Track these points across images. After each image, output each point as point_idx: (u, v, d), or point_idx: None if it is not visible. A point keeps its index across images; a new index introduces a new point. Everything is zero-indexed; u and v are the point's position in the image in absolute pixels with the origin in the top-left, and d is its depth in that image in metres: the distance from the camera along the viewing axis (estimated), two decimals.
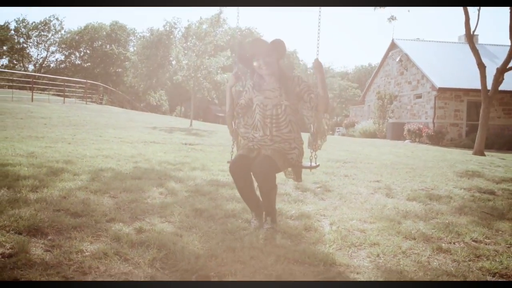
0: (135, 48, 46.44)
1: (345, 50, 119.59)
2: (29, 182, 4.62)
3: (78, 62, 54.51)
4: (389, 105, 26.84)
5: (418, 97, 25.11)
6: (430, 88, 23.62)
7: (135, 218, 3.76)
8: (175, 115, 48.17)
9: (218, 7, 21.27)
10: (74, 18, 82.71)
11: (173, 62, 21.45)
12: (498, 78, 15.17)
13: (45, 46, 54.00)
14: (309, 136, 3.79)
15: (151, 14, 79.21)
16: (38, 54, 59.04)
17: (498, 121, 22.86)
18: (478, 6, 15.58)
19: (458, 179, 7.30)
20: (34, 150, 7.41)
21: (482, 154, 14.53)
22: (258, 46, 3.68)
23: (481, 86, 15.39)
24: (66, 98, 26.28)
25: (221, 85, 21.68)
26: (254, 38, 3.93)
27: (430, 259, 3.17)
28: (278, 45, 3.67)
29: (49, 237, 3.08)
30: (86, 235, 3.14)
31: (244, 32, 51.58)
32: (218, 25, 21.93)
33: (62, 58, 54.56)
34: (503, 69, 15.06)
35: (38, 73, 46.20)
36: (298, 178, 3.90)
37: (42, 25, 52.80)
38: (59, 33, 53.92)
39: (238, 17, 4.38)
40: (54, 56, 56.21)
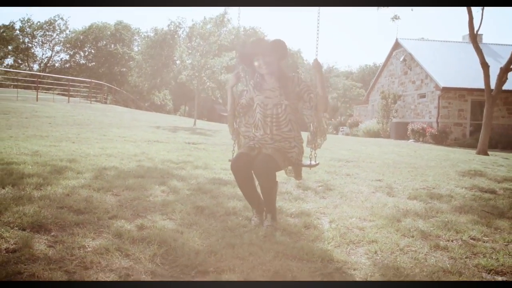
0: (140, 47, 46.59)
1: (349, 50, 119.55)
2: (33, 180, 4.68)
3: (83, 62, 54.69)
4: (393, 104, 26.81)
5: (422, 96, 25.08)
6: (434, 87, 23.59)
7: (137, 215, 3.81)
8: (180, 115, 48.24)
9: (223, 7, 21.37)
10: (78, 18, 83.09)
11: (177, 62, 21.50)
12: (502, 78, 15.15)
13: (50, 45, 54.25)
14: (308, 135, 3.85)
15: (156, 14, 79.45)
16: (43, 54, 59.29)
17: (502, 120, 22.81)
18: (481, 6, 15.56)
19: (460, 178, 7.31)
20: (39, 149, 7.48)
21: (486, 154, 14.53)
22: (258, 45, 3.74)
23: (484, 85, 15.39)
24: (70, 98, 26.41)
25: (225, 84, 21.76)
26: (255, 38, 4.01)
27: (427, 256, 3.21)
28: (278, 45, 3.73)
29: (52, 233, 3.15)
30: (88, 232, 3.21)
31: (248, 31, 51.64)
32: (222, 25, 21.99)
33: (67, 57, 54.77)
34: (507, 68, 15.04)
35: (43, 72, 46.43)
36: (298, 176, 3.97)
37: (47, 25, 53.01)
38: (64, 32, 54.14)
39: (239, 18, 4.49)
40: (59, 55, 56.31)
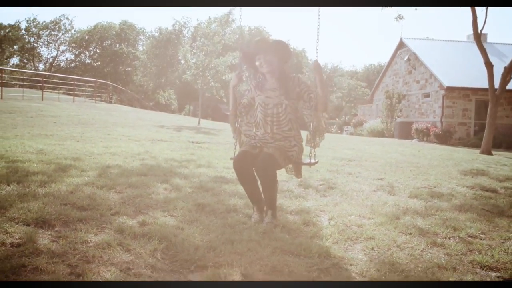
0: (145, 47, 46.70)
1: (354, 49, 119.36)
2: (38, 177, 4.76)
3: (88, 61, 54.93)
4: (397, 104, 26.79)
5: (426, 96, 25.06)
6: (438, 87, 23.56)
7: (139, 212, 3.89)
8: (184, 114, 48.37)
9: (228, 8, 21.45)
10: (84, 18, 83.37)
11: (182, 61, 21.56)
12: (506, 77, 15.13)
13: (55, 45, 54.54)
14: (307, 134, 3.92)
15: (161, 13, 79.61)
16: (49, 54, 59.65)
17: (507, 120, 22.74)
18: (484, 6, 15.55)
19: (461, 177, 7.33)
20: (44, 147, 7.56)
21: (490, 153, 14.52)
22: (260, 45, 3.84)
23: (488, 85, 15.38)
24: (75, 97, 26.53)
25: (228, 84, 21.74)
26: (258, 38, 4.09)
27: (423, 253, 3.26)
28: (279, 45, 3.84)
29: (55, 228, 3.23)
30: (91, 227, 3.28)
31: (253, 31, 51.68)
32: (227, 24, 22.06)
33: (72, 57, 55.05)
34: (511, 67, 15.02)
35: (48, 72, 46.70)
36: (298, 174, 4.06)
37: (53, 24, 53.29)
38: (69, 32, 54.43)
39: (240, 18, 4.59)
40: (64, 55, 56.64)
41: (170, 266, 2.74)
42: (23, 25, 53.34)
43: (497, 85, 15.29)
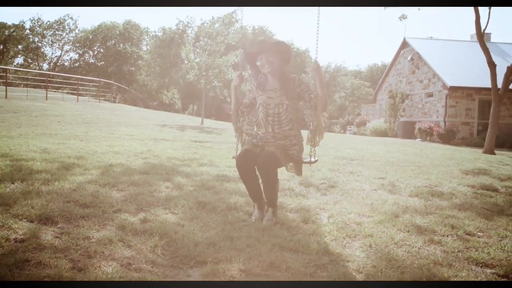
0: (148, 47, 46.82)
1: (358, 49, 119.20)
2: (41, 175, 4.83)
3: (92, 61, 55.13)
4: (400, 103, 26.79)
5: (430, 95, 25.04)
6: (441, 86, 23.55)
7: (140, 209, 3.94)
8: (188, 114, 48.46)
9: (232, 8, 21.47)
10: (88, 17, 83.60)
11: (185, 61, 21.60)
12: (509, 77, 15.13)
13: (59, 45, 54.80)
14: (308, 133, 3.99)
15: (164, 13, 79.68)
16: (53, 53, 60.09)
17: (510, 119, 22.71)
18: (486, 6, 15.55)
19: (463, 177, 7.34)
20: (47, 146, 7.62)
21: (492, 153, 14.52)
22: (262, 45, 3.92)
23: (491, 84, 15.37)
24: (79, 97, 26.67)
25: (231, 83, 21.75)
26: (261, 38, 4.18)
27: (420, 250, 3.30)
28: (281, 46, 3.92)
29: (58, 225, 3.29)
30: (93, 224, 3.35)
31: (256, 31, 51.71)
32: (230, 24, 22.09)
33: (76, 57, 55.33)
34: None
35: (52, 72, 46.90)
36: (298, 172, 4.13)
37: (57, 24, 53.52)
38: (73, 32, 54.66)
39: (241, 19, 4.65)
40: (68, 55, 57.07)
41: (170, 262, 2.80)
42: (28, 25, 53.69)
43: (500, 84, 15.29)
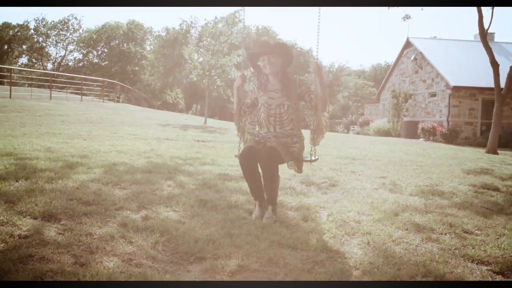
0: (152, 46, 46.93)
1: (361, 49, 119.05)
2: (45, 174, 4.89)
3: (96, 61, 55.28)
4: (403, 103, 26.78)
5: (433, 95, 25.02)
6: (444, 86, 23.53)
7: (142, 207, 4.00)
8: (192, 113, 48.53)
9: (235, 8, 21.54)
10: (92, 18, 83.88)
11: (188, 61, 21.65)
12: None
13: (63, 45, 54.98)
14: (310, 132, 4.12)
15: (168, 13, 79.85)
16: (57, 53, 60.17)
17: None
18: (488, 6, 15.54)
19: (464, 176, 7.34)
20: (51, 145, 7.69)
21: (495, 153, 14.51)
22: (264, 46, 4.09)
23: (494, 84, 15.36)
24: (83, 96, 26.77)
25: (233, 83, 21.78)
26: (263, 39, 4.31)
27: (418, 247, 3.34)
28: (283, 48, 4.07)
29: (62, 222, 3.36)
30: (95, 221, 3.41)
31: (260, 31, 51.75)
32: (234, 24, 22.14)
33: (80, 56, 55.47)
34: None
35: (56, 71, 47.11)
36: (299, 170, 4.22)
37: (61, 24, 53.73)
38: (77, 32, 54.84)
39: (243, 19, 4.76)
40: (72, 54, 57.03)
41: (171, 258, 2.85)
42: (32, 25, 53.89)
43: (503, 84, 15.27)
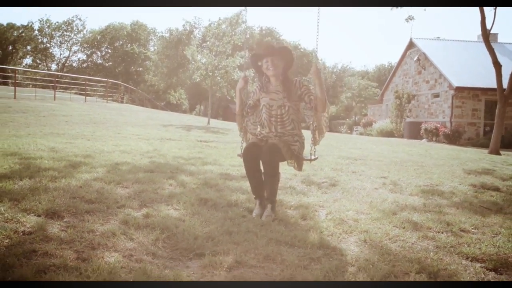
0: (156, 47, 47.10)
1: (365, 49, 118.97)
2: (49, 173, 4.97)
3: (100, 62, 55.58)
4: (407, 104, 26.80)
5: (436, 96, 25.03)
6: (447, 87, 23.54)
7: (144, 205, 4.08)
8: (195, 114, 48.66)
9: (239, 8, 21.61)
10: (96, 18, 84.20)
11: (192, 62, 21.72)
12: None
13: (67, 46, 55.32)
14: (310, 132, 4.25)
15: (172, 13, 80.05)
16: (61, 54, 60.47)
17: None
18: (491, 6, 15.56)
19: (465, 176, 7.36)
20: (55, 145, 7.78)
21: (498, 153, 14.53)
22: (268, 48, 4.19)
23: (496, 85, 15.38)
24: (87, 97, 26.88)
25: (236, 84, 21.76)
26: (266, 41, 4.42)
27: (414, 245, 3.40)
28: (286, 51, 4.22)
29: (64, 219, 3.43)
30: (97, 218, 3.49)
31: (263, 32, 51.82)
32: (237, 25, 22.22)
33: (84, 57, 55.81)
34: None
35: (60, 72, 47.32)
36: (299, 168, 4.31)
37: (65, 25, 54.04)
38: (81, 33, 55.15)
39: (246, 20, 4.86)
40: (76, 55, 57.44)
41: (170, 254, 2.92)
42: (36, 25, 54.25)
43: (505, 85, 15.28)
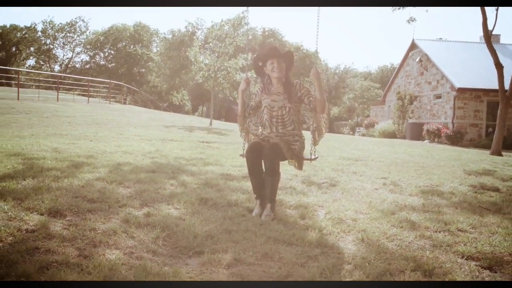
0: (159, 48, 47.18)
1: (368, 50, 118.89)
2: (51, 173, 5.03)
3: (103, 63, 55.70)
4: (409, 105, 26.81)
5: (438, 97, 25.03)
6: (449, 88, 23.54)
7: (145, 204, 4.14)
8: (198, 115, 48.73)
9: (241, 9, 21.67)
10: (99, 20, 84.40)
11: (194, 63, 21.76)
12: None
13: (70, 47, 55.46)
14: (310, 133, 4.37)
15: (174, 13, 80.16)
16: (64, 55, 60.66)
17: None
18: (493, 6, 15.59)
19: (465, 177, 7.38)
20: (58, 146, 7.84)
21: (500, 154, 14.53)
22: (274, 50, 4.32)
23: (498, 86, 15.39)
24: (90, 98, 27.00)
25: (239, 85, 21.77)
26: (271, 44, 4.51)
27: (411, 244, 3.44)
28: (291, 55, 4.40)
29: (67, 218, 3.50)
30: (99, 217, 3.56)
31: (266, 33, 51.88)
32: (240, 26, 22.26)
33: (87, 58, 55.91)
34: None
35: (63, 73, 47.45)
36: (299, 167, 4.42)
37: (69, 26, 54.20)
38: (84, 34, 55.29)
39: (248, 22, 4.91)
40: (79, 56, 57.67)
41: (170, 252, 2.98)
42: (40, 27, 54.40)
43: (507, 86, 15.30)
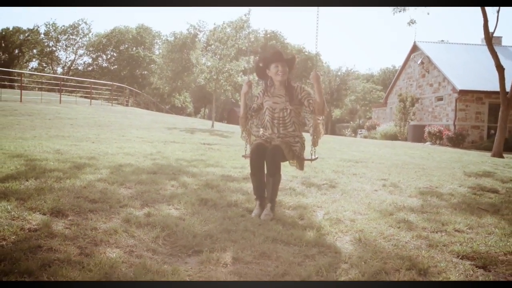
0: (161, 50, 47.32)
1: (370, 52, 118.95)
2: (54, 174, 5.10)
3: (105, 65, 55.89)
4: (410, 107, 26.84)
5: (439, 99, 25.06)
6: (451, 90, 23.57)
7: (145, 205, 4.20)
8: (200, 117, 48.80)
9: (243, 12, 21.74)
10: (101, 22, 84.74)
11: (197, 66, 21.84)
12: None
13: (73, 49, 55.70)
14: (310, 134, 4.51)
15: (176, 15, 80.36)
16: (67, 57, 60.92)
17: None
18: (494, 6, 15.62)
19: (465, 179, 7.40)
20: (60, 147, 7.91)
21: (501, 156, 14.54)
22: (280, 55, 4.45)
23: (499, 88, 15.40)
24: (92, 100, 27.10)
25: (241, 87, 21.81)
26: (275, 47, 4.61)
27: (407, 244, 3.49)
28: (294, 59, 4.54)
29: (69, 217, 3.56)
30: (100, 217, 3.62)
31: (268, 35, 51.97)
32: (242, 29, 22.33)
33: (90, 61, 56.14)
34: None
35: (66, 75, 47.65)
36: (300, 167, 4.52)
37: (71, 28, 54.43)
38: (87, 36, 55.50)
39: (249, 24, 4.98)
40: (82, 59, 57.69)
41: (170, 251, 3.04)
42: (42, 29, 54.66)
43: (508, 88, 15.31)
